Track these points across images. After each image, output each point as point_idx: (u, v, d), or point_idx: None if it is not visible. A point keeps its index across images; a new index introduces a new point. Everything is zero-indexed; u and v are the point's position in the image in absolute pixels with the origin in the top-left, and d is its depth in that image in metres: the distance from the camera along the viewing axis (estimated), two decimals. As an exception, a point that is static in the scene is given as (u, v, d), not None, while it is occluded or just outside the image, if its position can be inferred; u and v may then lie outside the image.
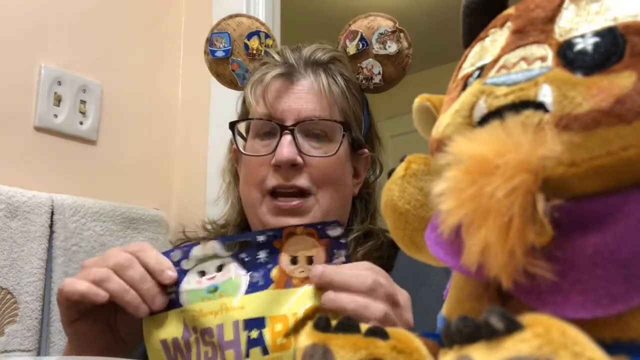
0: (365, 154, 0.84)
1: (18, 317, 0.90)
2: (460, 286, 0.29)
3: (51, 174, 1.05)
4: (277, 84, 0.78)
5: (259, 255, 0.55)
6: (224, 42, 0.86)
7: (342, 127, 0.76)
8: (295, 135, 0.74)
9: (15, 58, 1.02)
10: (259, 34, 0.86)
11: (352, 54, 0.83)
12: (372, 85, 0.84)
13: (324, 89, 0.77)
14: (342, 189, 0.78)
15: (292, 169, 0.74)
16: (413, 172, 0.33)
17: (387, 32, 0.82)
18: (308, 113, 0.75)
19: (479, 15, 0.32)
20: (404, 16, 2.95)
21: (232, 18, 0.87)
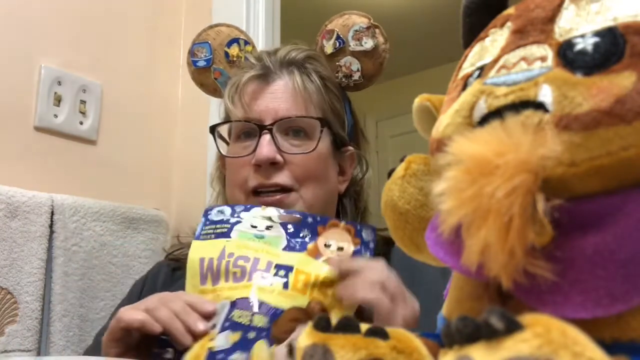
0: (350, 151, 0.84)
1: (18, 317, 0.90)
2: (460, 286, 0.29)
3: (51, 174, 1.05)
4: (253, 85, 0.79)
5: (302, 232, 0.64)
6: (205, 52, 0.88)
7: (320, 123, 0.77)
8: (274, 135, 0.75)
9: (15, 58, 1.02)
10: (238, 41, 0.87)
11: (329, 53, 0.84)
12: (352, 82, 0.85)
13: (299, 87, 0.78)
14: (325, 185, 0.79)
15: (272, 167, 0.75)
16: (413, 172, 0.33)
17: (362, 29, 0.83)
18: (285, 112, 0.76)
19: (479, 15, 0.32)
20: (404, 16, 2.96)
21: (211, 28, 0.89)
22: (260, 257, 0.61)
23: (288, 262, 0.60)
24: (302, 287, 0.58)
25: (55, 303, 0.95)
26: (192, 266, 0.63)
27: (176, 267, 0.85)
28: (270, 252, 0.62)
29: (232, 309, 0.58)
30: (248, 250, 0.62)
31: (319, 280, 0.59)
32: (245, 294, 0.58)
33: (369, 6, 2.85)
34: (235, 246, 0.62)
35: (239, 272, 0.60)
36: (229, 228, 0.65)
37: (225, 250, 0.62)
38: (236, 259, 0.61)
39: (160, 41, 1.30)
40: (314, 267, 0.60)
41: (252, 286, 0.58)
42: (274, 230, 0.64)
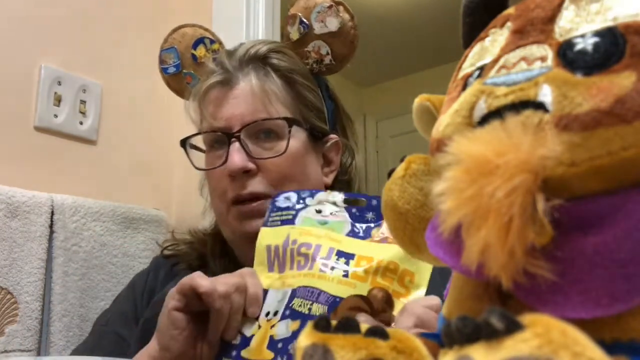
0: (333, 140, 0.81)
1: (18, 317, 0.90)
2: (460, 286, 0.29)
3: (51, 174, 1.05)
4: (215, 92, 0.77)
5: (367, 215, 0.64)
6: (173, 58, 0.86)
7: (286, 123, 0.74)
8: (242, 141, 0.73)
9: (15, 58, 1.02)
10: (203, 40, 0.85)
11: (296, 40, 0.80)
12: (324, 67, 0.80)
13: (261, 88, 0.75)
14: (306, 183, 0.77)
15: (246, 175, 0.73)
16: (413, 172, 0.33)
17: (324, 9, 0.77)
18: (250, 116, 0.74)
19: (479, 15, 0.32)
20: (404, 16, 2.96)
21: (176, 31, 0.86)
22: (322, 243, 0.60)
23: (350, 249, 0.60)
24: (363, 274, 0.57)
25: (55, 303, 0.95)
26: (260, 253, 0.63)
27: (175, 262, 0.85)
28: (333, 238, 0.61)
29: (293, 296, 0.58)
30: (311, 237, 0.61)
31: (382, 266, 0.57)
32: (306, 282, 0.58)
33: (369, 6, 2.85)
34: (298, 233, 0.62)
35: (302, 260, 0.60)
36: (294, 214, 0.64)
37: (290, 237, 0.62)
38: (299, 246, 0.60)
39: (160, 41, 1.30)
40: (378, 252, 0.58)
41: (313, 274, 0.58)
42: (339, 214, 0.64)
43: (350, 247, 0.60)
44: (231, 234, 0.78)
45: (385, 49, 3.21)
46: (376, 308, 0.52)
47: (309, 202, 0.65)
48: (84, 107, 1.12)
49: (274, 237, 0.63)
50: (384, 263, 0.57)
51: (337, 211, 0.64)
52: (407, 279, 0.56)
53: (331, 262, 0.58)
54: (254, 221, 0.74)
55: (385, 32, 3.04)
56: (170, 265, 0.85)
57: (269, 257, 0.62)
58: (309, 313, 0.55)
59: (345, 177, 0.84)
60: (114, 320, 0.82)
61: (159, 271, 0.85)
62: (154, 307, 0.76)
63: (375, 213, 0.63)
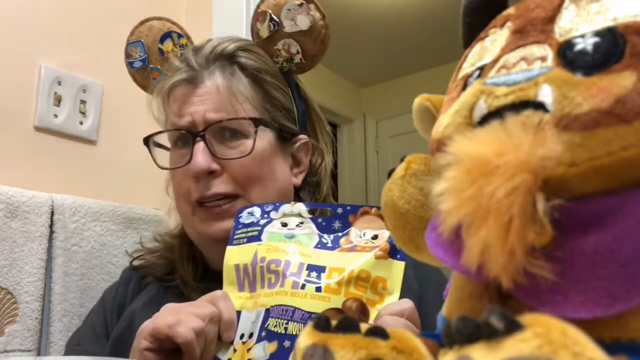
0: (302, 141, 0.80)
1: (18, 317, 0.90)
2: (460, 286, 0.29)
3: (51, 174, 1.05)
4: (181, 89, 0.74)
5: (333, 224, 0.63)
6: (139, 51, 0.83)
7: (252, 123, 0.73)
8: (207, 141, 0.71)
9: (15, 58, 1.02)
10: (171, 35, 0.82)
11: (265, 37, 0.77)
12: (294, 66, 0.78)
13: (224, 88, 0.73)
14: (273, 184, 0.75)
15: (210, 176, 0.71)
16: (413, 172, 0.33)
17: (295, 7, 0.75)
18: (215, 116, 0.72)
19: (479, 15, 0.32)
20: (403, 16, 2.96)
21: (143, 24, 0.83)
22: (291, 259, 0.59)
23: (320, 262, 0.59)
24: (337, 287, 0.56)
25: (55, 303, 0.95)
26: (229, 273, 0.61)
27: (143, 275, 0.83)
28: (302, 252, 0.60)
29: (267, 317, 0.56)
30: (279, 253, 0.60)
31: (354, 275, 0.56)
32: (278, 301, 0.56)
33: (369, 6, 2.85)
34: (266, 249, 0.60)
35: (272, 277, 0.58)
36: (259, 230, 0.63)
37: (258, 254, 0.60)
38: (268, 263, 0.59)
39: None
40: (348, 262, 0.58)
41: (285, 292, 0.57)
42: (305, 226, 0.63)
43: (320, 260, 0.59)
44: (197, 237, 0.76)
45: (385, 49, 3.21)
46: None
47: (273, 215, 0.64)
48: (84, 107, 1.12)
49: (241, 255, 0.62)
50: (355, 272, 0.56)
51: (303, 222, 0.63)
52: (379, 286, 0.56)
53: (302, 277, 0.57)
54: (221, 222, 0.72)
55: (386, 32, 3.04)
56: (139, 278, 0.83)
57: (238, 276, 0.61)
58: (285, 333, 0.54)
59: (315, 178, 0.82)
60: (85, 339, 0.80)
61: (129, 284, 0.83)
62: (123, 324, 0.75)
63: (341, 222, 0.63)
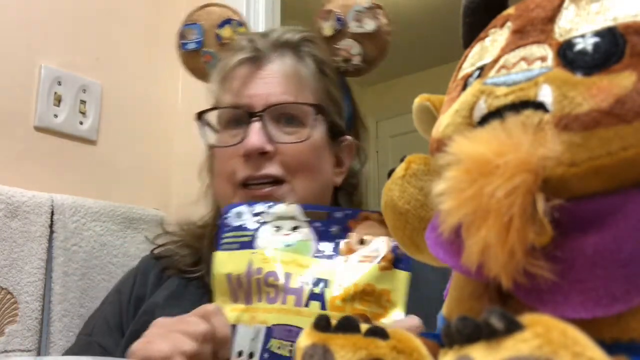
0: (348, 142, 0.79)
1: (18, 317, 0.90)
2: (460, 286, 0.29)
3: (51, 174, 1.05)
4: (244, 69, 0.74)
5: (332, 228, 0.58)
6: (195, 34, 0.82)
7: (314, 110, 0.72)
8: (264, 122, 0.70)
9: (15, 58, 1.02)
10: (231, 22, 0.81)
11: (328, 36, 0.78)
12: (352, 67, 0.79)
13: (292, 71, 0.73)
14: (319, 177, 0.74)
15: (262, 157, 0.70)
16: (413, 172, 0.33)
17: (364, 9, 0.76)
18: (277, 98, 0.71)
19: (479, 15, 0.32)
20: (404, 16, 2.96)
21: (202, 8, 0.83)
22: (291, 272, 0.55)
23: (321, 275, 0.55)
24: (342, 304, 0.53)
25: (55, 303, 0.95)
26: (220, 282, 0.57)
27: (165, 266, 0.81)
28: (301, 263, 0.56)
29: (268, 336, 0.52)
30: (276, 264, 0.55)
31: (359, 290, 0.53)
32: (281, 320, 0.53)
33: (369, 6, 2.86)
34: (261, 260, 0.56)
35: (272, 292, 0.54)
36: (252, 236, 0.59)
37: (253, 264, 0.56)
38: (266, 276, 0.55)
39: (160, 41, 1.30)
40: (351, 274, 0.55)
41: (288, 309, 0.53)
42: (301, 232, 0.59)
43: (321, 272, 0.55)
44: None
45: (385, 49, 3.20)
46: None
47: (265, 218, 0.60)
48: (84, 107, 1.12)
49: (233, 263, 0.57)
50: (360, 287, 0.53)
51: (298, 226, 0.59)
52: (384, 299, 0.54)
53: (304, 293, 0.53)
54: None
55: (385, 32, 3.04)
56: (160, 269, 0.81)
57: (230, 286, 0.57)
58: (291, 355, 0.51)
59: (354, 181, 0.82)
60: (97, 330, 0.78)
61: (148, 275, 0.81)
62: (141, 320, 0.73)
63: (340, 227, 0.59)
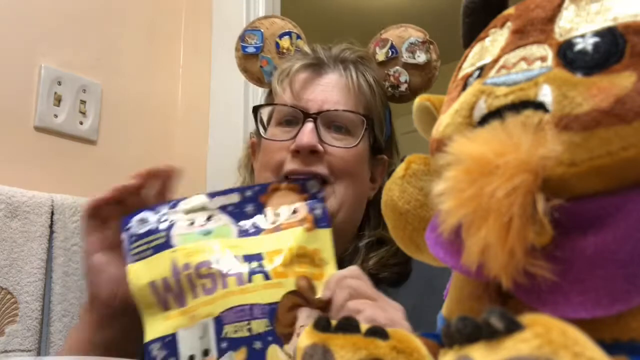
0: (383, 160, 0.84)
1: (18, 317, 0.90)
2: (460, 286, 0.29)
3: (51, 174, 1.05)
4: (305, 74, 0.79)
5: (245, 208, 0.58)
6: (256, 39, 0.89)
7: (364, 121, 0.77)
8: (317, 124, 0.75)
9: (15, 58, 1.02)
10: (290, 34, 0.88)
11: (380, 61, 0.85)
12: (398, 93, 0.85)
13: (352, 82, 0.78)
14: (359, 185, 0.78)
15: (311, 155, 0.73)
16: (413, 172, 0.33)
17: (418, 42, 0.84)
18: (332, 104, 0.76)
19: (479, 15, 0.32)
20: (404, 16, 2.96)
21: (266, 18, 0.90)
22: (221, 255, 0.53)
23: (252, 251, 0.54)
24: (283, 269, 0.52)
25: (55, 303, 0.94)
26: (142, 294, 0.54)
27: None
28: (229, 245, 0.55)
29: (219, 325, 0.51)
30: (204, 254, 0.54)
31: (293, 254, 0.53)
32: (228, 304, 0.51)
33: (370, 6, 2.85)
34: (186, 254, 0.54)
35: (208, 282, 0.52)
36: (165, 236, 0.56)
37: (177, 262, 0.54)
38: (197, 268, 0.53)
39: (160, 41, 1.30)
40: (281, 242, 0.54)
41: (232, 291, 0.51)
42: (216, 219, 0.58)
43: (251, 248, 0.54)
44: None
45: (385, 49, 3.21)
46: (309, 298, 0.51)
47: (173, 217, 0.58)
48: (84, 107, 1.12)
49: (152, 270, 0.55)
50: (294, 251, 0.54)
51: (212, 215, 0.58)
52: (317, 258, 0.55)
53: (244, 270, 0.52)
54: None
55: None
56: None
57: (157, 295, 0.54)
58: (251, 334, 0.50)
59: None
60: None
61: None
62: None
63: (253, 204, 0.58)
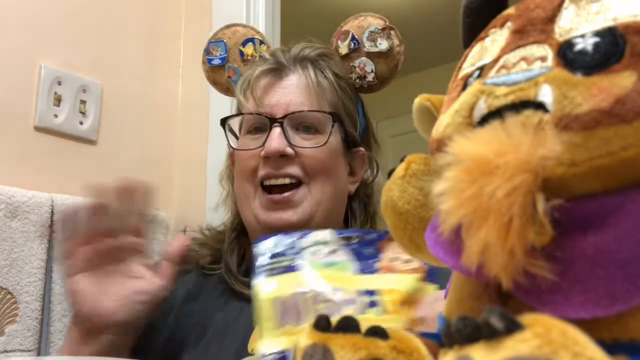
0: (361, 152, 0.84)
1: (18, 317, 0.90)
2: (460, 286, 0.29)
3: (51, 174, 1.05)
4: (266, 79, 0.79)
5: (365, 250, 0.61)
6: (220, 50, 0.89)
7: (331, 118, 0.77)
8: (284, 128, 0.75)
9: (15, 58, 1.02)
10: (253, 40, 0.88)
11: (344, 54, 0.84)
12: (366, 83, 0.85)
13: (312, 82, 0.78)
14: (335, 182, 0.78)
15: (282, 159, 0.74)
16: (413, 172, 0.33)
17: (378, 30, 0.83)
18: (297, 106, 0.76)
19: (479, 15, 0.32)
20: (404, 16, 2.96)
21: (228, 28, 0.90)
22: (341, 286, 0.57)
23: (370, 287, 0.57)
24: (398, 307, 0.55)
25: (55, 303, 0.94)
26: (265, 307, 0.57)
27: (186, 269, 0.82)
28: (347, 279, 0.58)
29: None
30: (324, 281, 0.57)
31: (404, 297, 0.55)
32: None
33: (370, 6, 2.85)
34: (309, 279, 0.58)
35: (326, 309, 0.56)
36: (292, 259, 0.61)
37: (300, 286, 0.58)
38: (317, 294, 0.56)
39: (160, 41, 1.30)
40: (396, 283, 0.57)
41: None
42: (339, 253, 0.61)
43: (369, 284, 0.57)
44: (254, 222, 0.77)
45: (385, 49, 3.20)
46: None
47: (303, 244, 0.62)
48: (84, 107, 1.12)
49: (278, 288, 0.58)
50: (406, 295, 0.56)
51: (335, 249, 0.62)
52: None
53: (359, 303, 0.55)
54: (281, 213, 0.74)
55: (385, 32, 3.04)
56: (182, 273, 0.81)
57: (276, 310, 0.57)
58: None
59: (367, 190, 0.86)
60: None
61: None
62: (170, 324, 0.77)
63: (373, 247, 0.62)
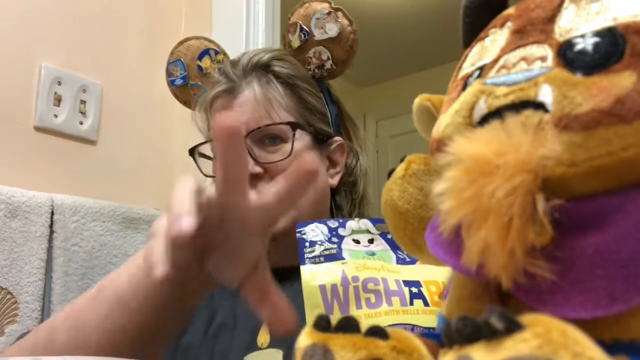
0: (338, 142, 0.83)
1: (18, 317, 0.90)
2: (460, 286, 0.29)
3: (51, 174, 1.05)
4: (220, 101, 0.79)
5: None
6: (179, 70, 0.88)
7: (289, 127, 0.76)
8: (248, 147, 0.75)
9: (15, 58, 1.02)
10: (209, 52, 0.87)
11: (297, 47, 0.82)
12: (326, 71, 0.83)
13: (263, 96, 0.77)
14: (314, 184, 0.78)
15: (254, 179, 0.74)
16: (413, 172, 0.33)
17: (324, 15, 0.80)
18: (254, 123, 0.76)
19: (479, 15, 0.32)
20: (404, 16, 2.96)
21: (181, 44, 0.89)
22: (385, 276, 0.57)
23: (412, 277, 0.57)
24: (439, 300, 0.55)
25: (55, 303, 0.95)
26: (312, 295, 0.58)
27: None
28: (390, 269, 0.58)
29: None
30: (371, 271, 0.57)
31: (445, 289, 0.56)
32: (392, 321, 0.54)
33: (369, 6, 2.85)
34: (355, 268, 0.58)
35: (372, 297, 0.56)
36: (336, 248, 0.61)
37: (346, 274, 0.58)
38: (364, 282, 0.56)
39: (160, 41, 1.30)
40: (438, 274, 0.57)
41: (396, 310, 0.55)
42: (377, 243, 0.62)
43: (410, 275, 0.57)
44: None
45: (385, 49, 3.21)
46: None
47: (342, 232, 0.63)
48: (84, 107, 1.12)
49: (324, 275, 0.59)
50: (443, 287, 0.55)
51: (373, 239, 0.62)
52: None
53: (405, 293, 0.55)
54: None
55: (385, 32, 3.04)
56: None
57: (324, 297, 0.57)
58: None
59: (351, 178, 0.85)
60: None
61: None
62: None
63: None
